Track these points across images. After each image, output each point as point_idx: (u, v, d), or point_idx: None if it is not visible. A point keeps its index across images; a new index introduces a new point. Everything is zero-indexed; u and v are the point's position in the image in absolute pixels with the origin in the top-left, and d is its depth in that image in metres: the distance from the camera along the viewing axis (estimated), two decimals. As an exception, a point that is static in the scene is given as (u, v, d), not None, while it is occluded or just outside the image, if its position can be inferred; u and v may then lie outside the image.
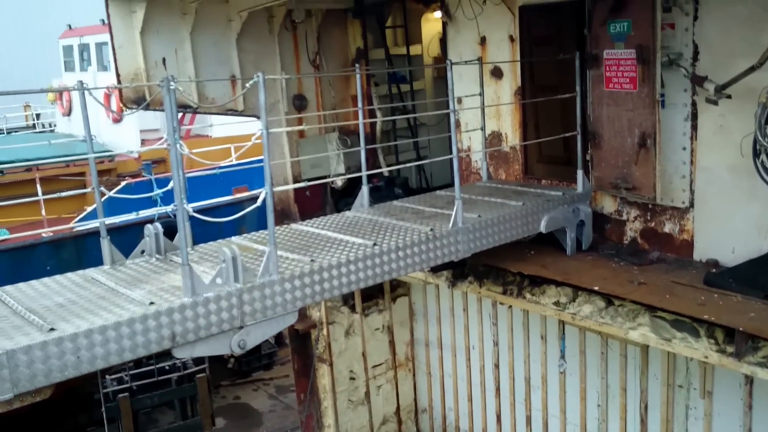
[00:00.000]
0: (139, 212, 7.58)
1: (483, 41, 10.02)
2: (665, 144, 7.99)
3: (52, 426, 14.64)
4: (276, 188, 6.01)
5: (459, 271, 8.88)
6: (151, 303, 5.19)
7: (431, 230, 7.05)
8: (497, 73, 9.85)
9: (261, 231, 7.27)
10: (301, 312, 6.08)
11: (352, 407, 11.65)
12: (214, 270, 5.59)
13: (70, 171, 15.74)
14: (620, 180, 8.32)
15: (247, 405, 16.69)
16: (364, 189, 8.21)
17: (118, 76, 9.39)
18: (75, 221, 14.12)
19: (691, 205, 8.02)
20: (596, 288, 7.51)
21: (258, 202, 5.75)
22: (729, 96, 7.16)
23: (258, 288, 5.62)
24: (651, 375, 8.43)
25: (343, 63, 12.18)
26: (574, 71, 8.44)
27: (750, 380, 7.38)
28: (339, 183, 10.93)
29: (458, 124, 9.40)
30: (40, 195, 12.86)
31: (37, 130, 25.86)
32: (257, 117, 10.01)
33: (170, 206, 6.22)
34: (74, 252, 13.52)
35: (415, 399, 12.41)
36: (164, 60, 9.62)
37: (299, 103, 11.56)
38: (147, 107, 8.47)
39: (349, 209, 8.41)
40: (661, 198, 8.09)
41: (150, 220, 8.28)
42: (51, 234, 13.47)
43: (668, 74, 7.88)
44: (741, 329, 6.16)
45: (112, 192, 13.74)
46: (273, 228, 5.76)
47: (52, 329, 4.75)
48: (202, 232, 6.69)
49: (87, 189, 12.15)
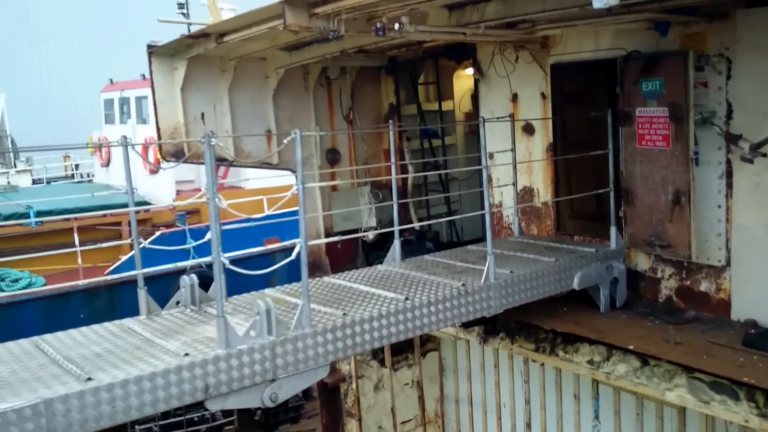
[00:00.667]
0: (177, 264, 7.70)
1: (515, 98, 10.15)
2: (700, 202, 7.94)
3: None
4: (310, 242, 6.08)
5: (491, 327, 8.81)
6: (186, 354, 5.24)
7: (463, 285, 7.04)
8: (529, 130, 9.93)
9: (294, 283, 7.32)
10: (331, 365, 6.07)
11: (381, 463, 11.47)
12: (248, 322, 5.64)
13: (107, 220, 16.09)
14: (654, 237, 8.26)
15: (274, 458, 16.51)
16: (396, 243, 8.25)
17: (158, 130, 9.65)
18: (110, 270, 14.35)
19: (728, 264, 7.91)
20: (631, 347, 7.39)
21: (293, 256, 5.81)
22: (764, 155, 7.13)
23: (291, 341, 5.65)
24: (689, 438, 8.20)
25: (376, 118, 12.39)
26: (606, 128, 8.48)
27: (793, 446, 7.13)
28: (371, 236, 11.00)
29: (490, 179, 9.45)
30: (78, 245, 13.15)
31: (76, 180, 26.54)
32: (291, 170, 10.29)
33: (205, 258, 6.32)
34: (108, 300, 13.72)
35: (445, 457, 12.17)
36: (203, 115, 9.89)
37: (332, 157, 11.76)
38: (185, 161, 8.69)
39: (381, 263, 8.44)
40: (697, 256, 8.00)
41: (184, 271, 8.40)
42: (86, 282, 13.70)
43: (702, 132, 7.88)
44: (783, 393, 5.99)
45: (147, 242, 13.99)
46: (306, 281, 5.81)
47: (89, 379, 4.81)
48: (234, 282, 6.76)
49: (123, 240, 12.36)
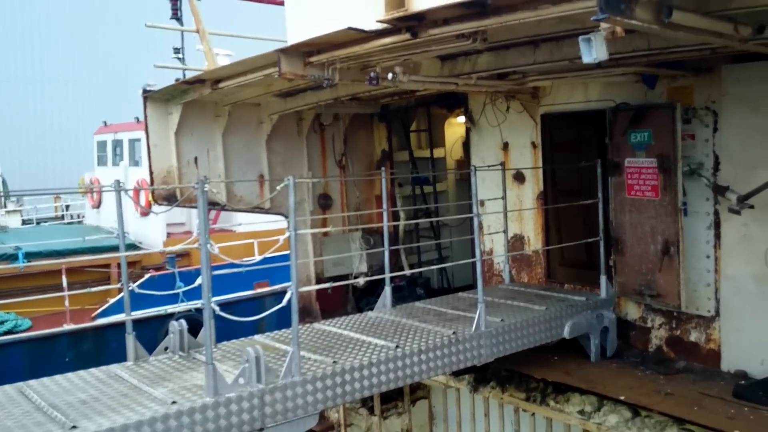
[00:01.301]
0: (166, 308, 7.65)
1: (506, 146, 10.27)
2: (689, 252, 8.00)
3: None
4: (301, 289, 6.07)
5: (481, 376, 8.74)
6: (173, 402, 5.17)
7: (454, 333, 7.02)
8: (520, 178, 10.03)
9: (284, 330, 7.28)
10: (319, 413, 6.00)
11: None
12: (237, 369, 5.58)
13: (97, 262, 15.96)
14: (644, 287, 8.29)
15: None
16: (387, 290, 8.25)
17: (151, 174, 9.67)
18: (97, 314, 14.19)
19: (717, 314, 7.94)
20: (622, 397, 7.35)
21: (283, 302, 5.80)
22: (752, 206, 7.23)
23: (280, 389, 5.59)
24: (681, 491, 8.09)
25: (368, 164, 12.49)
26: (596, 177, 8.58)
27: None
28: (361, 282, 10.98)
29: (481, 227, 9.50)
30: (66, 287, 13.03)
31: (66, 221, 26.41)
32: (283, 215, 10.31)
33: (195, 302, 6.29)
34: (94, 345, 13.51)
35: (434, 508, 11.92)
36: (196, 159, 9.93)
37: (324, 202, 11.81)
38: (178, 205, 8.68)
39: (372, 309, 8.41)
40: (686, 306, 8.03)
41: (173, 315, 8.33)
42: (72, 326, 13.53)
43: (690, 183, 7.99)
44: (774, 446, 5.96)
45: (136, 285, 13.86)
46: (296, 328, 5.79)
47: (74, 427, 4.73)
48: (223, 327, 6.72)
49: (112, 285, 12.23)
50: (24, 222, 25.57)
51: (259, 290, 15.26)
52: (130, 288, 6.54)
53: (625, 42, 6.42)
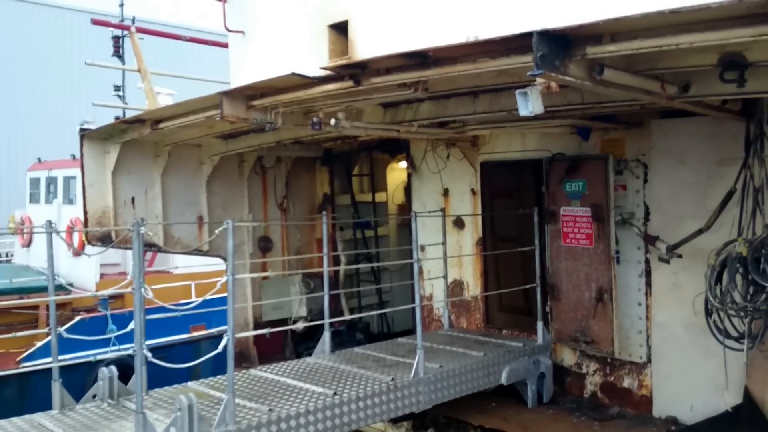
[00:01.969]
0: (96, 354, 7.39)
1: (446, 193, 10.42)
2: (621, 299, 8.21)
3: None
4: (237, 335, 5.96)
5: (419, 422, 8.68)
6: (100, 454, 4.97)
7: (392, 380, 6.98)
8: (459, 224, 10.17)
9: (219, 376, 7.11)
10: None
11: None
12: (169, 418, 5.41)
13: (24, 304, 15.32)
14: (579, 333, 8.45)
15: None
16: (326, 335, 8.17)
17: (86, 213, 9.42)
18: (21, 358, 13.57)
19: (649, 361, 8.13)
20: (558, 444, 7.41)
21: (219, 348, 5.67)
22: (680, 255, 7.49)
23: (213, 439, 5.43)
24: None
25: (310, 207, 12.47)
26: (533, 225, 8.77)
27: None
28: (300, 327, 10.85)
29: (421, 272, 9.55)
30: (-10, 330, 12.46)
31: (-7, 260, 25.38)
32: (222, 258, 10.14)
33: (127, 346, 6.10)
34: (18, 391, 12.89)
35: None
36: (133, 199, 9.74)
37: (265, 245, 11.69)
38: (112, 246, 8.46)
39: (310, 354, 8.32)
40: (620, 352, 8.20)
41: (103, 360, 8.04)
42: (-6, 370, 12.90)
43: (622, 232, 8.24)
44: (703, 492, 6.08)
45: (64, 328, 13.33)
46: (232, 376, 5.66)
47: (-9, 481, 4.48)
48: (156, 372, 6.52)
49: (40, 329, 11.74)
50: (-52, 260, 24.48)
51: (195, 334, 14.90)
52: (59, 332, 6.31)
53: (560, 96, 6.65)
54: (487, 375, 7.93)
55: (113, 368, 6.51)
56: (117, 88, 22.18)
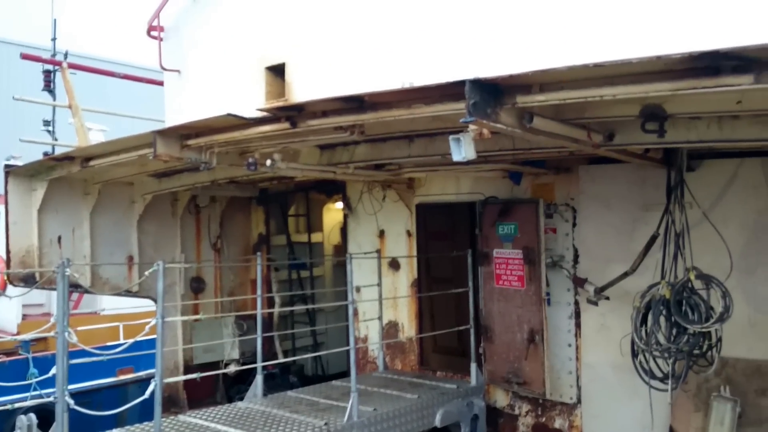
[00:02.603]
0: (14, 401, 7.04)
1: (382, 234, 10.48)
2: (552, 340, 8.37)
3: None
4: (166, 380, 5.79)
5: (353, 467, 8.56)
6: (15, 508, 4.71)
7: (326, 425, 6.88)
8: (395, 265, 10.22)
9: (146, 423, 6.84)
10: None
11: None
12: (91, 468, 5.18)
13: (-63, 347, 14.50)
14: (512, 374, 8.54)
15: None
16: (259, 378, 8.02)
17: (8, 253, 9.06)
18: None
19: (579, 401, 8.27)
20: (491, 486, 7.41)
21: (146, 394, 5.50)
22: (607, 297, 7.71)
23: (137, 489, 5.22)
24: None
25: (245, 247, 12.33)
26: (467, 266, 8.88)
27: None
28: (232, 370, 10.61)
29: (356, 313, 9.53)
30: None
31: None
32: (152, 299, 9.88)
33: (49, 391, 5.84)
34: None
35: None
36: (60, 238, 9.42)
37: (197, 286, 11.47)
38: (36, 287, 8.15)
39: (242, 398, 8.13)
40: (551, 393, 8.32)
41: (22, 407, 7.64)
42: None
43: (553, 274, 8.44)
44: None
45: (-18, 372, 12.66)
46: (159, 423, 5.49)
47: None
48: (79, 418, 6.24)
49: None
50: None
51: (122, 378, 14.36)
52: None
53: (492, 141, 6.79)
54: (421, 418, 7.90)
55: (32, 416, 6.20)
56: (46, 123, 21.62)
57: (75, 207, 9.68)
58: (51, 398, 5.13)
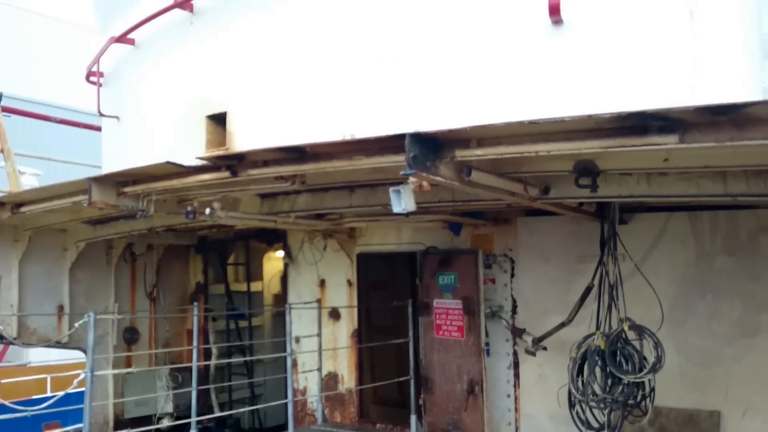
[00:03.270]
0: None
1: (322, 283, 10.41)
2: (492, 391, 8.39)
3: None
4: (95, 436, 5.55)
5: None
6: None
7: (262, 481, 6.68)
8: (335, 315, 10.13)
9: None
10: None
11: None
12: None
13: None
14: (452, 426, 8.50)
15: None
16: (193, 434, 7.76)
17: (-72, 302, 8.66)
18: None
19: (518, 452, 8.28)
20: None
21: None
22: (545, 348, 7.80)
23: None
24: None
25: (182, 296, 12.05)
26: (408, 316, 8.88)
27: None
28: (165, 425, 10.24)
29: (295, 364, 9.38)
30: None
31: None
32: (83, 350, 9.51)
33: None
34: None
35: None
36: (-14, 287, 9.05)
37: (130, 337, 11.10)
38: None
39: (175, 455, 7.84)
40: (491, 444, 8.30)
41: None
42: None
43: (492, 325, 8.51)
44: None
45: None
46: (86, 482, 5.23)
47: None
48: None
49: None
50: None
51: (48, 434, 13.69)
52: None
53: (432, 193, 6.88)
54: (360, 472, 7.77)
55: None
56: (-24, 167, 20.85)
57: (3, 254, 9.33)
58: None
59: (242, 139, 6.63)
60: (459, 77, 5.66)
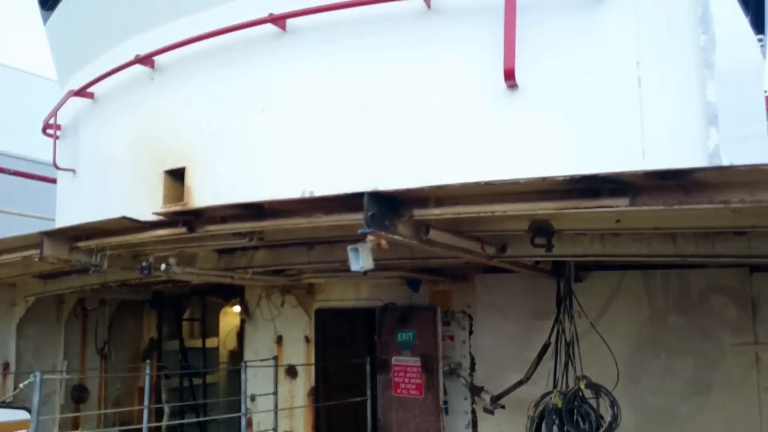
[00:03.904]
0: None
1: (279, 340, 10.24)
2: (450, 450, 8.28)
3: None
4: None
5: None
6: None
7: None
8: (292, 373, 9.94)
9: None
10: None
11: None
12: None
13: None
14: (410, 487, 8.34)
15: None
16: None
17: None
18: None
19: None
20: None
21: None
22: (503, 406, 7.77)
23: None
24: None
25: (134, 353, 11.73)
26: (366, 374, 8.78)
27: None
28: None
29: (250, 424, 9.13)
30: None
31: None
32: (28, 410, 9.12)
33: None
34: None
35: None
36: (-76, 345, 8.70)
37: (79, 395, 10.71)
38: None
39: None
40: (447, 506, 8.15)
41: None
42: None
43: (450, 382, 8.46)
44: None
45: None
46: None
47: None
48: None
49: None
50: None
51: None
52: None
53: (391, 250, 6.81)
54: None
55: None
56: None
57: (-53, 310, 9.03)
58: None
59: (200, 195, 6.60)
60: (418, 137, 5.76)
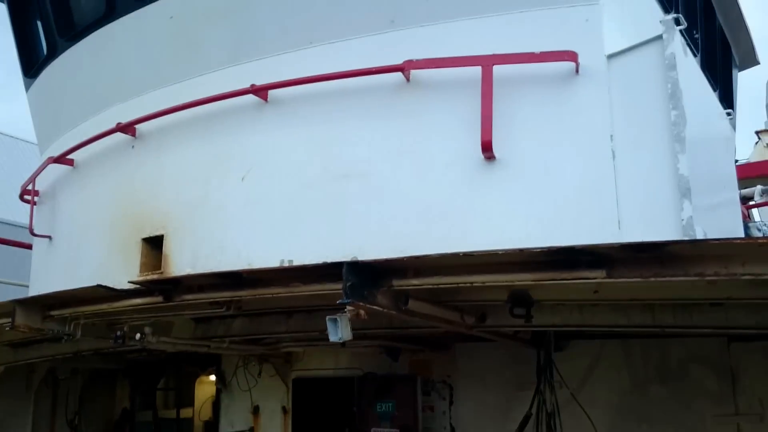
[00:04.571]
0: None
1: (256, 410, 10.02)
2: None
3: None
4: None
5: None
6: None
7: None
8: (269, 443, 9.72)
9: None
10: None
11: None
12: None
13: None
14: None
15: None
16: None
17: None
18: None
19: None
20: None
21: None
22: (484, 480, 7.60)
23: None
24: None
25: (106, 424, 11.39)
26: (345, 445, 8.58)
27: None
28: None
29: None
30: None
31: None
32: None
33: None
34: None
35: None
36: None
37: (44, 477, 10.33)
38: None
39: None
40: None
41: None
42: None
43: (430, 457, 8.28)
44: None
45: None
46: None
47: None
48: None
49: None
50: None
51: None
52: None
53: (370, 319, 6.85)
54: None
55: None
56: None
57: None
58: None
59: (178, 263, 6.56)
60: (398, 206, 5.81)
